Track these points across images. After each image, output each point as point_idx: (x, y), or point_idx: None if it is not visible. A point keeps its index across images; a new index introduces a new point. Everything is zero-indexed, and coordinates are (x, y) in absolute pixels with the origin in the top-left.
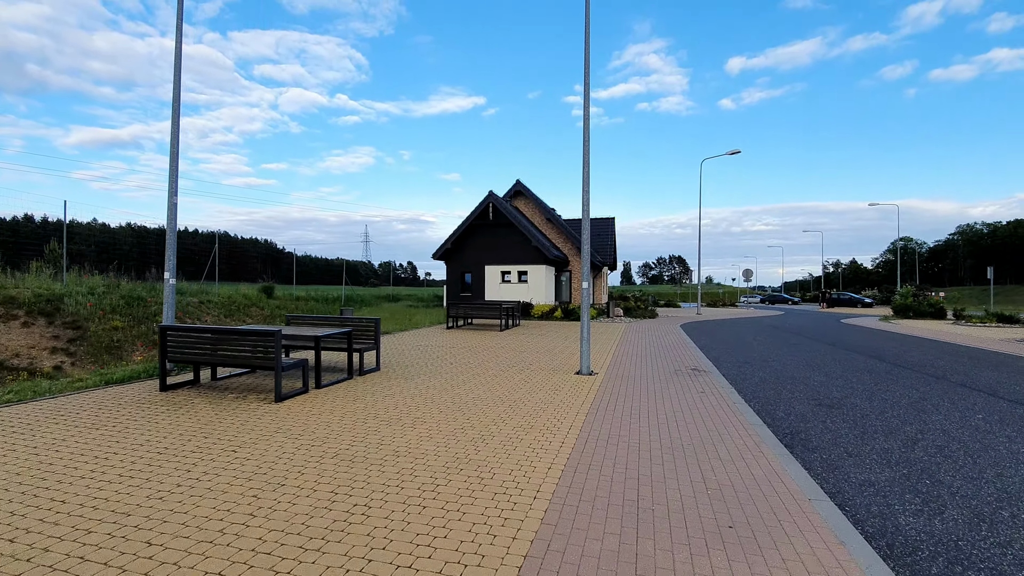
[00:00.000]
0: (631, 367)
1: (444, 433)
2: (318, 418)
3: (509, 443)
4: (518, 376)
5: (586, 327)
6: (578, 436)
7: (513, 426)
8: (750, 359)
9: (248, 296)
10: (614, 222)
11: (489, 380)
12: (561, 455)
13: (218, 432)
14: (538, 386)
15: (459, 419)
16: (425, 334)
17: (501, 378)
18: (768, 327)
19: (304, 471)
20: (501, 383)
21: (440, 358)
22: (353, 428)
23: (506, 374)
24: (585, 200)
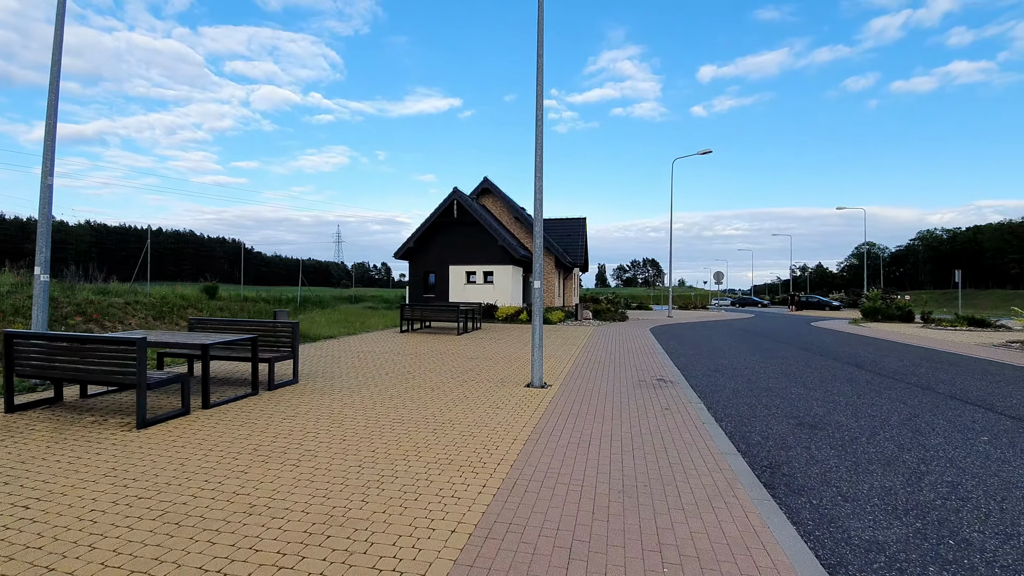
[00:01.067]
0: (591, 377)
1: (333, 474)
2: (177, 452)
3: (413, 488)
4: (459, 390)
5: (538, 333)
6: (507, 475)
7: (428, 461)
8: (721, 366)
9: (186, 297)
10: (585, 222)
11: (424, 395)
12: (476, 508)
13: (31, 473)
14: (478, 402)
15: (363, 451)
16: (373, 339)
17: (438, 392)
18: (739, 330)
19: (98, 544)
20: (436, 398)
21: (378, 367)
22: (215, 467)
23: (446, 386)
24: (538, 187)
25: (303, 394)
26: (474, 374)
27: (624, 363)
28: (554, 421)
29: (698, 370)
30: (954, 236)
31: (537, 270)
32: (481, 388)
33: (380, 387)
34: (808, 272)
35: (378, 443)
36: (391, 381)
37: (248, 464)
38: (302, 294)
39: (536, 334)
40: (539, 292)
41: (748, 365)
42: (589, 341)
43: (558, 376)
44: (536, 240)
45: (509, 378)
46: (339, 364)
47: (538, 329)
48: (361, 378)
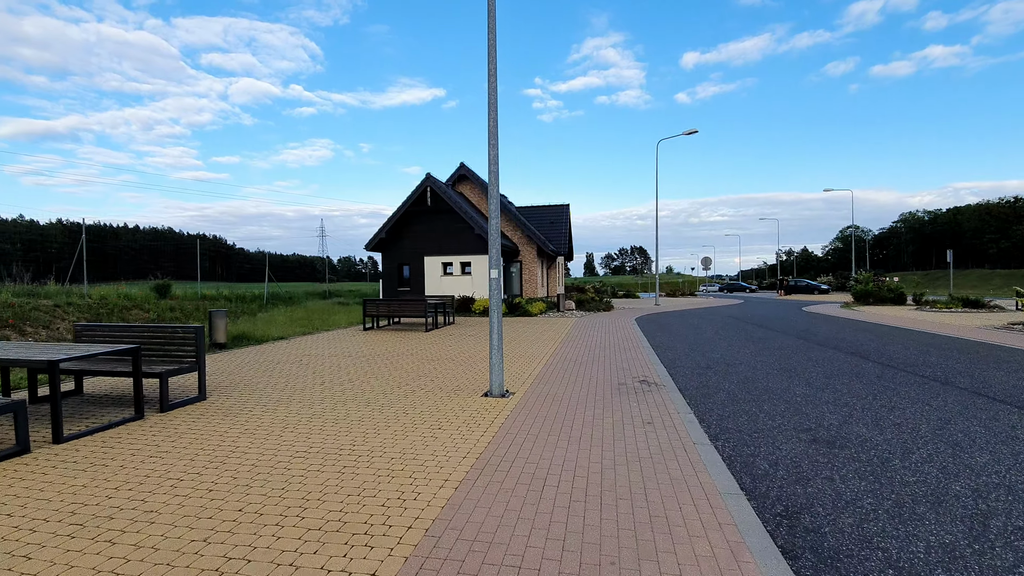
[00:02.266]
0: (564, 380)
1: (162, 555)
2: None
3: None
4: (401, 402)
5: (496, 332)
6: (417, 545)
7: (307, 527)
8: (712, 362)
9: (131, 297)
10: (568, 209)
11: (356, 411)
12: None
13: None
14: (418, 421)
15: (225, 511)
16: (330, 338)
17: (376, 406)
18: (729, 318)
19: None
20: (369, 416)
21: (317, 374)
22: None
23: (388, 398)
24: (492, 157)
25: (202, 416)
26: (428, 380)
27: (604, 360)
28: (505, 448)
29: (686, 367)
30: (935, 218)
31: (493, 256)
32: (429, 399)
33: (306, 402)
34: (794, 256)
35: (255, 495)
36: (324, 393)
37: (40, 541)
38: (271, 290)
39: (495, 334)
40: (497, 284)
41: (742, 359)
42: (569, 334)
43: (526, 380)
44: (491, 220)
45: (467, 384)
46: (272, 372)
47: (497, 328)
48: (289, 390)
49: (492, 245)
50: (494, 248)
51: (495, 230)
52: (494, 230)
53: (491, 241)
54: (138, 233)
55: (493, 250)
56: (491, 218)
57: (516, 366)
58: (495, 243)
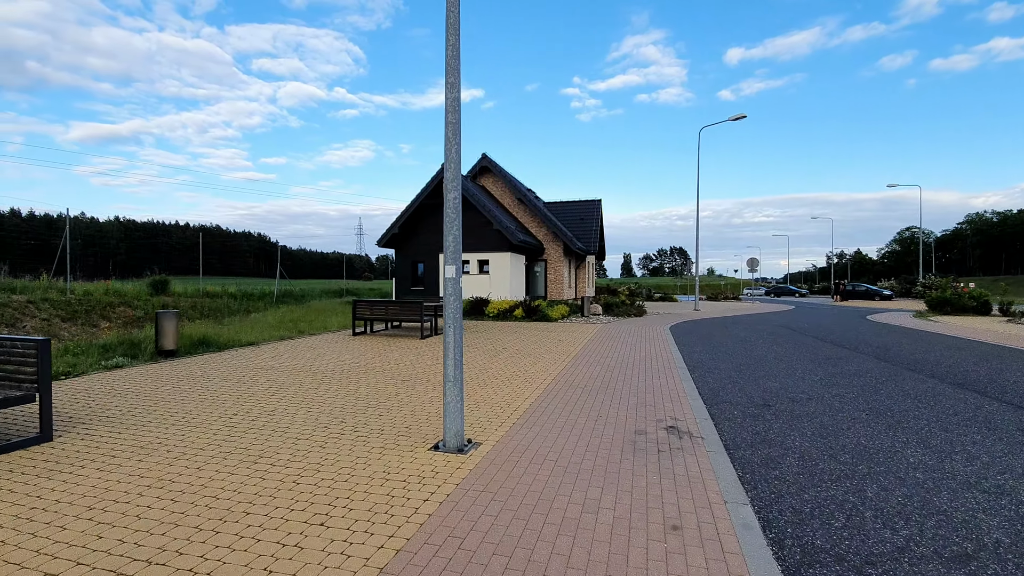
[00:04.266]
0: (559, 422)
1: None
2: None
3: None
4: (309, 457)
5: (453, 355)
6: None
7: None
8: (769, 395)
9: (121, 293)
10: (600, 205)
11: (226, 475)
12: None
13: None
14: (305, 499)
15: None
16: (308, 345)
17: (264, 465)
18: (782, 328)
19: None
20: (238, 487)
21: (240, 399)
22: None
23: (296, 447)
24: (451, 103)
25: (11, 472)
26: (374, 414)
27: (623, 387)
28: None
29: (733, 403)
30: (1004, 219)
31: (450, 252)
32: (352, 452)
33: (179, 451)
34: (846, 259)
35: None
36: (219, 435)
37: None
38: (284, 288)
39: (451, 359)
40: (454, 284)
41: (810, 392)
42: (587, 346)
43: (507, 418)
44: (448, 195)
45: (422, 425)
46: (191, 393)
47: (454, 351)
48: (180, 426)
49: (449, 229)
50: (451, 233)
51: (453, 207)
52: (452, 207)
53: (447, 223)
54: (188, 230)
55: (450, 236)
56: (448, 191)
57: (503, 393)
58: (452, 226)
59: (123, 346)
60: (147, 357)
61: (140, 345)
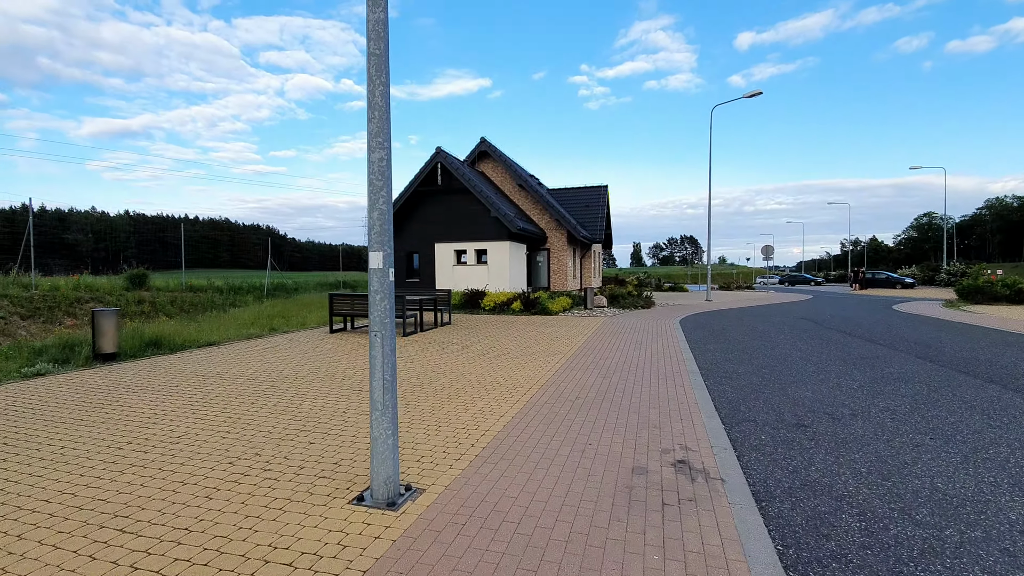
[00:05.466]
0: (535, 454)
1: None
2: None
3: None
4: (176, 520)
5: (380, 372)
6: None
7: None
8: (803, 409)
9: (93, 287)
10: (607, 191)
11: (54, 542)
12: None
13: None
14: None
15: None
16: (275, 345)
17: (104, 532)
18: (804, 320)
19: None
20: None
21: (147, 423)
22: None
23: (174, 498)
24: (374, 26)
25: None
26: (304, 442)
27: (621, 401)
28: None
29: (761, 425)
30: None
31: (376, 227)
32: (246, 508)
33: (20, 503)
34: (862, 246)
35: None
36: (91, 470)
37: None
38: (273, 281)
39: (377, 380)
40: (381, 278)
41: (853, 405)
42: (586, 345)
43: (467, 449)
44: (372, 154)
45: (358, 459)
46: (96, 412)
47: (382, 366)
48: (46, 462)
49: (374, 202)
50: (376, 207)
51: (379, 172)
52: (377, 172)
53: (372, 194)
54: (198, 224)
55: (375, 211)
56: (372, 150)
57: (475, 409)
58: (379, 197)
59: (58, 349)
60: (80, 362)
61: (77, 348)
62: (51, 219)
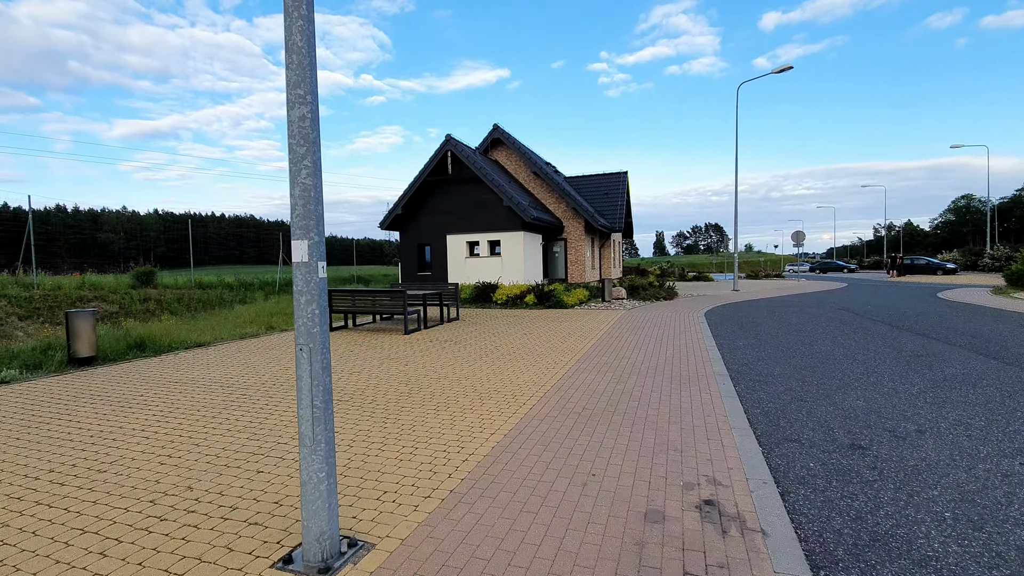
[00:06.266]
0: (519, 495)
1: None
2: None
3: None
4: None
5: (310, 397)
6: None
7: None
8: (857, 425)
9: (97, 286)
10: (626, 177)
11: None
12: None
13: None
14: None
15: None
16: (269, 345)
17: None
18: (841, 311)
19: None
20: None
21: (106, 435)
22: None
23: (57, 556)
24: None
25: None
26: (249, 471)
27: (635, 414)
28: None
29: (807, 447)
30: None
31: (299, 208)
32: (144, 573)
33: None
34: (896, 231)
35: None
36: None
37: None
38: (285, 276)
39: (306, 406)
40: (307, 274)
41: (921, 421)
42: (601, 342)
43: (442, 481)
44: (292, 112)
45: (283, 510)
46: (38, 429)
47: (311, 389)
48: None
49: (295, 176)
50: (298, 183)
51: (300, 135)
52: (298, 136)
53: (293, 164)
54: (224, 221)
55: (296, 187)
56: (292, 107)
57: (463, 424)
58: (300, 169)
59: (34, 353)
60: (53, 367)
61: (51, 352)
62: (84, 219)
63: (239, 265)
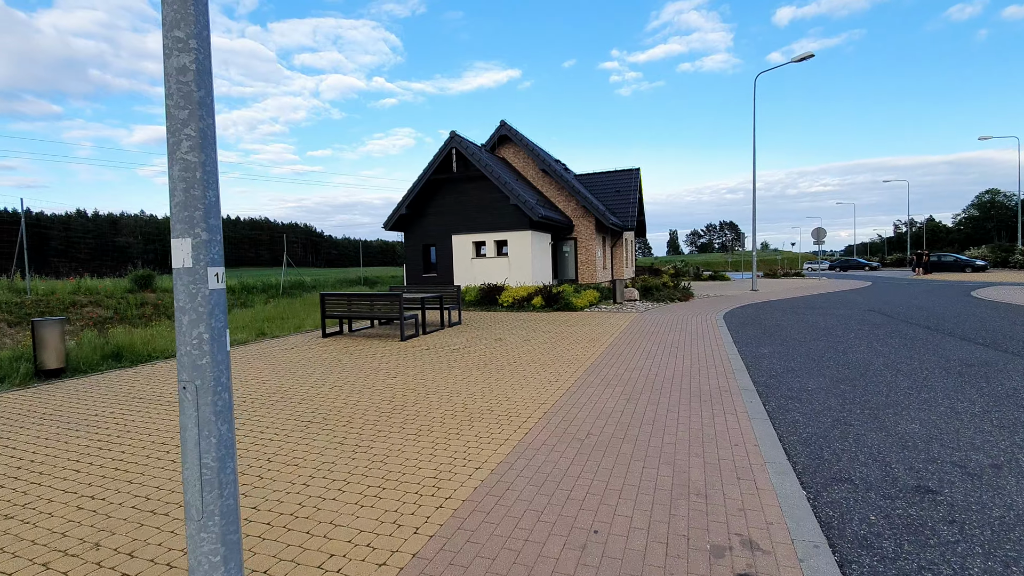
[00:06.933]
0: (501, 559)
1: None
2: None
3: None
4: None
5: (196, 455)
6: None
7: None
8: (919, 459)
9: (94, 290)
10: (639, 174)
11: None
12: None
13: None
14: None
15: None
16: (257, 352)
17: None
18: (871, 313)
19: None
20: None
21: (14, 472)
22: None
23: None
24: None
25: None
26: (171, 527)
27: (647, 443)
28: None
29: (863, 490)
30: None
31: (179, 195)
32: None
33: None
34: (918, 227)
35: None
36: None
37: None
38: (290, 279)
39: (191, 460)
40: (194, 283)
41: (994, 453)
42: (610, 350)
43: (411, 534)
44: (169, 61)
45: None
46: None
47: (196, 440)
48: None
49: (174, 151)
50: (176, 161)
51: (178, 90)
52: (181, 93)
53: (171, 134)
54: (239, 224)
55: (175, 166)
56: (169, 56)
57: (444, 455)
58: (179, 140)
59: (0, 364)
60: (17, 380)
61: (17, 363)
62: (104, 223)
63: (253, 267)
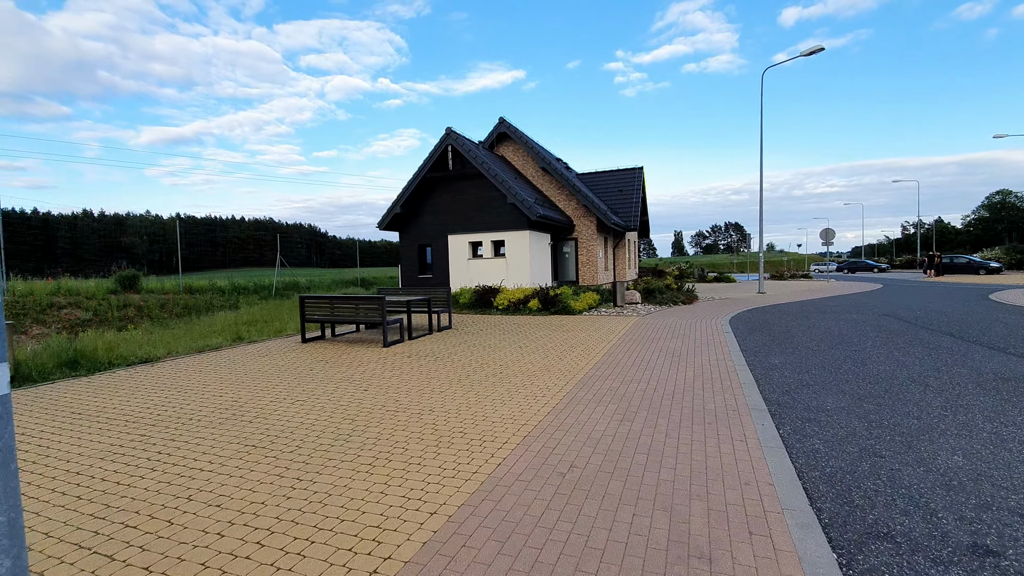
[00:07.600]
0: None
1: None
2: None
3: None
4: None
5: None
6: None
7: None
8: (963, 498)
9: (74, 292)
10: (642, 173)
11: None
12: None
13: None
14: None
15: None
16: (229, 358)
17: None
18: (886, 317)
19: None
20: None
21: None
22: None
23: None
24: None
25: None
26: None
27: (641, 481)
28: None
29: (907, 554)
30: None
31: None
32: None
33: None
34: (926, 228)
35: None
36: None
37: None
38: (283, 279)
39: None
40: None
41: None
42: (607, 359)
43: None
44: None
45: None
46: None
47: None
48: None
49: None
50: None
51: None
52: None
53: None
54: (244, 224)
55: None
56: None
57: (401, 489)
58: None
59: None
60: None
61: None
62: (110, 223)
63: (257, 268)
